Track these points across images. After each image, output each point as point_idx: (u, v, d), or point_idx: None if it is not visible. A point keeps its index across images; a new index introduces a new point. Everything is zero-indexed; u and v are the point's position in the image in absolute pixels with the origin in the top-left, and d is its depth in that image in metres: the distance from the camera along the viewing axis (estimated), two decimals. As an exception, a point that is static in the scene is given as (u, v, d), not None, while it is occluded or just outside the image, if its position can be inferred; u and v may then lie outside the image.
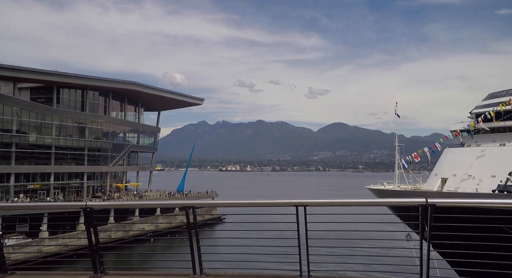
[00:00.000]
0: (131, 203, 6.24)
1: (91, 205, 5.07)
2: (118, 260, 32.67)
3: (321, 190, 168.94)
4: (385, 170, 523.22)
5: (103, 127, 62.81)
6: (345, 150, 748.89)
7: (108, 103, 64.80)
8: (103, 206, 6.10)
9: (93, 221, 5.12)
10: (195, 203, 5.17)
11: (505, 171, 31.59)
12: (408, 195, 30.19)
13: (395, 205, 5.00)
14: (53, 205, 7.20)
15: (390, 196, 30.11)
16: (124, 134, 69.55)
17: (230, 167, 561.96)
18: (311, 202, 4.95)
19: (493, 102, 38.47)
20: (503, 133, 36.56)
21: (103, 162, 63.61)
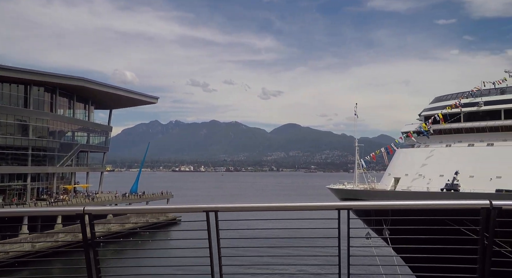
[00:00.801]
0: (139, 208, 5.20)
1: (90, 210, 4.36)
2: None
3: (277, 190, 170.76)
4: (336, 170, 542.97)
5: (49, 125, 58.95)
6: (298, 151, 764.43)
7: (55, 100, 60.91)
8: (104, 211, 5.29)
9: (93, 229, 4.45)
10: (219, 207, 4.48)
11: (451, 171, 33.48)
12: (371, 196, 30.94)
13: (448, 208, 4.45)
14: (43, 211, 5.96)
15: (351, 195, 30.82)
16: (73, 133, 65.75)
17: (184, 168, 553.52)
18: (223, 207, 4.41)
19: (440, 105, 40.72)
20: (449, 134, 38.79)
21: (49, 163, 59.72)
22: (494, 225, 4.03)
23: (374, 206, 4.39)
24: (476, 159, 34.33)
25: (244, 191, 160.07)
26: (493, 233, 4.06)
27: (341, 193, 31.85)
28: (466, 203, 4.23)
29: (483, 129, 36.82)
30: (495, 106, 36.44)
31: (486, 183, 31.16)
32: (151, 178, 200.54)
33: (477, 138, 37.09)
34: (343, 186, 33.36)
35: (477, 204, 4.14)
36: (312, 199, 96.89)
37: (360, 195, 30.10)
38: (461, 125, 37.80)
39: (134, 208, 4.87)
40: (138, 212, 6.60)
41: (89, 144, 69.03)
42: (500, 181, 31.07)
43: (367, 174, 33.80)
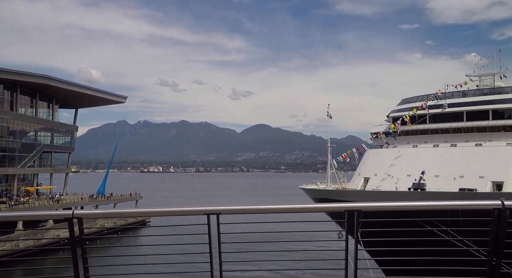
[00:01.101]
0: (135, 211, 4.43)
1: (79, 214, 4.07)
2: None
3: (248, 191, 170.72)
4: (306, 171, 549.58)
5: (9, 125, 56.08)
6: (268, 151, 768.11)
7: (15, 98, 58.01)
8: (94, 215, 5.20)
9: (82, 235, 4.12)
10: (220, 209, 4.24)
11: (418, 171, 34.59)
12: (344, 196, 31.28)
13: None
14: (31, 215, 5.23)
15: (323, 195, 31.11)
16: (36, 133, 62.83)
17: (152, 168, 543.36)
18: (225, 209, 4.22)
19: (407, 106, 42.00)
20: (415, 135, 40.06)
21: (9, 164, 56.78)
22: (505, 226, 4.02)
23: (383, 208, 4.21)
24: (441, 159, 35.63)
25: (217, 192, 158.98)
26: (504, 234, 4.04)
27: (314, 193, 32.14)
28: (478, 203, 4.19)
29: (447, 130, 38.30)
30: (458, 108, 38.00)
31: (450, 182, 32.38)
32: (119, 179, 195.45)
33: (441, 139, 38.53)
34: (315, 186, 33.67)
35: (489, 205, 4.10)
36: (286, 199, 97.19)
37: (332, 195, 30.47)
38: (427, 126, 39.15)
39: (128, 212, 4.56)
40: (132, 216, 6.13)
41: (53, 144, 66.24)
42: (463, 180, 32.38)
43: (339, 174, 34.29)
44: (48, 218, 4.23)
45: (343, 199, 28.41)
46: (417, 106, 38.59)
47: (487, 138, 35.66)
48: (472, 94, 40.28)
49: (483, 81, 44.83)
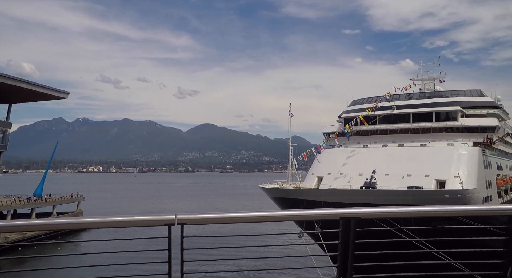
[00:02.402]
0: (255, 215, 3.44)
1: (184, 219, 3.48)
2: None
3: (200, 191, 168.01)
4: (251, 170, 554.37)
5: None
6: (214, 151, 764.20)
7: None
8: (202, 220, 3.97)
9: (183, 240, 3.56)
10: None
11: (369, 169, 35.97)
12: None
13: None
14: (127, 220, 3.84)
15: (282, 194, 31.20)
16: (-38, 129, 56.77)
17: (92, 168, 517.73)
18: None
19: (358, 108, 43.64)
20: (366, 135, 41.70)
21: None
22: None
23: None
24: (390, 159, 37.33)
25: (163, 193, 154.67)
26: None
27: (273, 192, 32.23)
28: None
29: (395, 131, 40.30)
30: (405, 110, 40.16)
31: (399, 181, 33.99)
32: (55, 180, 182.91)
33: (390, 139, 40.45)
34: (277, 185, 33.79)
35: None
36: (244, 199, 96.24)
37: (291, 194, 30.75)
38: (377, 127, 40.91)
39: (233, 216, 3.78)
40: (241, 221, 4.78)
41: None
42: (410, 179, 34.14)
43: (297, 173, 34.70)
44: (146, 224, 3.55)
45: (302, 198, 28.80)
46: (369, 108, 40.14)
47: (431, 138, 38.01)
48: (417, 97, 42.85)
49: (425, 85, 47.88)
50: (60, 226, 3.48)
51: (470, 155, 34.29)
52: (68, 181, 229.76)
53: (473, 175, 32.68)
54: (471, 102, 39.19)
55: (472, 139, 36.48)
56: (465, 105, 38.48)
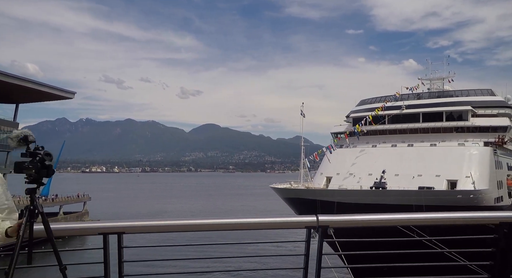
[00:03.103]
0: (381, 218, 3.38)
1: (326, 221, 3.28)
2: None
3: (202, 191, 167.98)
4: (254, 171, 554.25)
5: None
6: (216, 151, 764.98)
7: None
8: (348, 222, 3.63)
9: (321, 247, 3.34)
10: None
11: (379, 170, 35.77)
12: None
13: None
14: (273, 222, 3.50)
15: (294, 194, 31.06)
16: (-30, 129, 56.94)
17: (95, 168, 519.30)
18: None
19: (366, 107, 43.45)
20: (374, 135, 41.49)
21: None
22: None
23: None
24: (400, 159, 37.14)
25: (169, 193, 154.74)
26: None
27: (285, 192, 32.12)
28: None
29: (404, 130, 40.08)
30: (415, 110, 39.95)
31: (409, 181, 33.78)
32: (59, 180, 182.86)
33: (399, 139, 40.24)
34: (288, 186, 33.69)
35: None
36: (253, 199, 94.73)
37: (304, 194, 30.65)
38: (386, 127, 40.71)
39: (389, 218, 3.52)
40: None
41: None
42: (421, 179, 33.94)
43: (310, 173, 34.63)
44: (287, 226, 3.41)
45: (315, 199, 28.67)
46: (378, 107, 39.98)
47: (441, 138, 37.77)
48: (426, 97, 42.63)
49: (433, 84, 47.64)
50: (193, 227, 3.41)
51: (481, 155, 34.07)
52: (71, 181, 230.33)
53: (485, 175, 32.48)
54: (481, 101, 38.96)
55: (483, 139, 36.24)
56: (475, 104, 38.23)
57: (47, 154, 3.11)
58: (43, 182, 3.10)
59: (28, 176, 3.10)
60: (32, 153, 3.11)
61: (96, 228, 3.29)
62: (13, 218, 3.25)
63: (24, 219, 3.02)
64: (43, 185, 3.17)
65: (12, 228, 3.12)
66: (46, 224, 3.13)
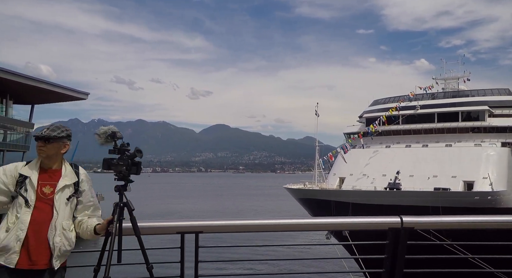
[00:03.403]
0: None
1: (412, 222, 3.14)
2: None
3: (215, 191, 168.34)
4: (264, 171, 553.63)
5: (-43, 121, 51.25)
6: (226, 151, 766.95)
7: (-36, 92, 53.11)
8: (431, 224, 3.44)
9: (404, 248, 3.17)
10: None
11: (393, 170, 35.39)
12: None
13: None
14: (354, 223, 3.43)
15: (310, 195, 30.86)
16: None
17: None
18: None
19: (379, 107, 43.04)
20: (388, 136, 41.10)
21: (-43, 163, 51.93)
22: None
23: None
24: (414, 159, 36.74)
25: (180, 193, 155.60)
26: None
27: (299, 193, 31.98)
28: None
29: (418, 131, 39.63)
30: (430, 110, 39.44)
31: (425, 182, 33.36)
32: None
33: (413, 139, 39.79)
34: (303, 186, 33.55)
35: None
36: (270, 199, 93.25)
37: (319, 195, 30.48)
38: (400, 127, 40.29)
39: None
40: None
41: (5, 142, 61.35)
42: (436, 180, 33.50)
43: (323, 174, 34.43)
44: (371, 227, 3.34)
45: (330, 199, 28.47)
46: (392, 107, 39.60)
47: (457, 139, 37.22)
48: (441, 97, 42.03)
49: (448, 84, 46.99)
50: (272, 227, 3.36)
51: (499, 156, 33.50)
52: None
53: (503, 176, 31.93)
54: (499, 101, 38.27)
55: (501, 139, 35.59)
56: (492, 104, 37.56)
57: (138, 150, 3.11)
58: (131, 179, 3.06)
59: (118, 173, 3.10)
60: (120, 149, 3.11)
61: (175, 227, 3.27)
62: (97, 215, 3.29)
63: (115, 216, 3.02)
64: (132, 182, 3.11)
65: (101, 225, 3.14)
66: (134, 221, 3.10)
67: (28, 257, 2.92)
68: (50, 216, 3.03)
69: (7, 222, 2.98)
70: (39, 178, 3.09)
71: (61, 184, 3.13)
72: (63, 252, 3.03)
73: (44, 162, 3.20)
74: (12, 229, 2.92)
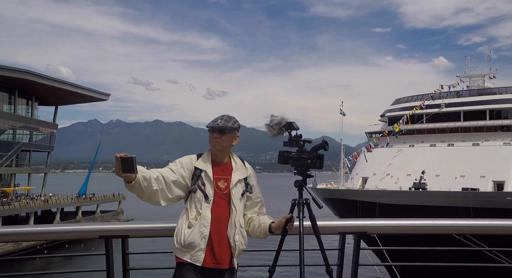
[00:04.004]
0: None
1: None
2: None
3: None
4: (280, 171, 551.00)
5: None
6: (242, 151, 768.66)
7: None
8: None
9: None
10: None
11: (418, 170, 34.76)
12: None
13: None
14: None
15: (337, 195, 30.54)
16: (14, 131, 59.37)
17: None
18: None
19: (402, 106, 42.31)
20: (412, 135, 40.34)
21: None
22: None
23: None
24: (440, 159, 36.02)
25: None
26: None
27: (325, 193, 31.72)
28: None
29: (444, 130, 38.76)
30: (455, 108, 38.54)
31: (451, 182, 32.66)
32: (91, 179, 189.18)
33: (438, 138, 38.97)
34: (330, 186, 33.30)
35: None
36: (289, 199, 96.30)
37: (346, 194, 30.17)
38: (424, 126, 39.50)
39: None
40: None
41: (31, 142, 62.86)
42: (464, 180, 32.74)
43: (344, 174, 34.13)
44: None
45: (357, 199, 28.17)
46: (417, 106, 38.89)
47: (484, 137, 36.28)
48: (466, 94, 41.00)
49: (473, 82, 45.91)
50: None
51: (530, 155, 32.55)
52: (103, 180, 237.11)
53: (535, 176, 31.01)
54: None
55: (531, 138, 34.58)
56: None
57: (326, 142, 2.80)
58: (311, 174, 2.79)
59: (301, 167, 2.83)
60: (296, 141, 2.83)
61: (96, 231, 2.80)
62: (264, 212, 3.07)
63: (300, 214, 2.75)
64: (311, 177, 2.85)
65: (277, 224, 2.89)
66: (313, 220, 2.82)
67: (212, 255, 2.76)
68: (228, 212, 2.85)
69: (187, 218, 2.82)
70: (213, 172, 2.95)
71: (235, 178, 2.96)
72: (240, 251, 2.86)
73: (216, 155, 3.04)
74: (195, 225, 2.76)
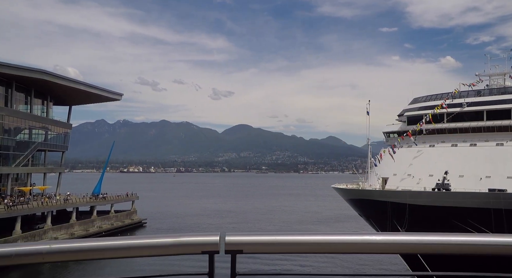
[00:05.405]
0: None
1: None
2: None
3: (246, 191, 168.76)
4: (287, 171, 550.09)
5: (4, 122, 53.03)
6: (249, 152, 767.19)
7: (10, 94, 54.91)
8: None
9: None
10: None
11: (440, 170, 34.22)
12: None
13: None
14: None
15: (363, 195, 30.08)
16: (30, 131, 59.68)
17: (132, 168, 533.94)
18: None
19: (420, 106, 41.74)
20: (432, 135, 39.74)
21: (3, 163, 53.70)
22: None
23: None
24: (463, 159, 35.39)
25: (207, 193, 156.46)
26: None
27: (351, 193, 31.27)
28: None
29: (466, 129, 38.10)
30: (478, 107, 37.86)
31: (476, 183, 32.08)
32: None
33: (460, 138, 38.33)
34: (356, 186, 32.85)
35: None
36: (319, 200, 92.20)
37: (374, 195, 29.69)
38: (445, 125, 38.90)
39: None
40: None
41: (47, 142, 63.19)
42: (490, 181, 32.14)
43: (373, 174, 33.61)
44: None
45: (386, 200, 27.75)
46: (438, 105, 38.32)
47: (509, 137, 35.60)
48: (487, 93, 40.35)
49: (493, 80, 45.15)
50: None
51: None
52: (112, 180, 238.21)
53: None
54: (554, 97, 36.43)
55: (558, 137, 33.91)
56: (547, 101, 35.83)
57: None
58: None
59: None
60: None
61: (198, 244, 1.97)
62: None
63: None
64: None
65: None
66: None
67: None
68: None
69: None
70: None
71: None
72: None
73: None
74: None
